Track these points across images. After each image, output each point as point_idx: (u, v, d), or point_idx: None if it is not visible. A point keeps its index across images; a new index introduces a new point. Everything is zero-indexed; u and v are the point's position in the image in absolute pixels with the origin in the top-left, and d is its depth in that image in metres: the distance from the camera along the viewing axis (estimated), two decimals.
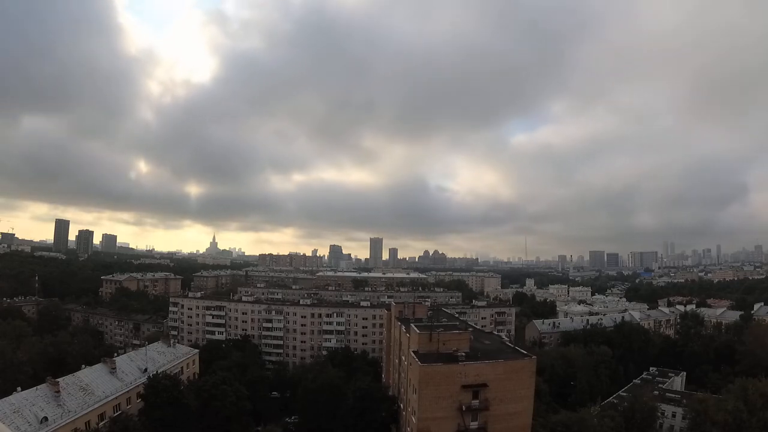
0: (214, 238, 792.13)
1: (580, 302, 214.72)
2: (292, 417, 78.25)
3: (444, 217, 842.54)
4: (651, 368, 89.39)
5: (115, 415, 56.87)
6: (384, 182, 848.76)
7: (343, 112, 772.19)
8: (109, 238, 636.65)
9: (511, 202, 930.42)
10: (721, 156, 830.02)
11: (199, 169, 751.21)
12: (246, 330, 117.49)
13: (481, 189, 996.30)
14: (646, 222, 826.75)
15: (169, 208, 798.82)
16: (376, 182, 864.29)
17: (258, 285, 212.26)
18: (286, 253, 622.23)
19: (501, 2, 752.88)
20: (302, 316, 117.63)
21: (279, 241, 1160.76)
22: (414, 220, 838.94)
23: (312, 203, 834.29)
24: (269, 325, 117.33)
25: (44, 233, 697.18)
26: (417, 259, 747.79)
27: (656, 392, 73.10)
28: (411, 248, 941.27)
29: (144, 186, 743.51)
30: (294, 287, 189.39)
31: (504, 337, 77.65)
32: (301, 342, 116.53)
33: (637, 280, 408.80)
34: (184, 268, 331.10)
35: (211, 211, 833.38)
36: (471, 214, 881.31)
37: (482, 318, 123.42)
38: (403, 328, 61.80)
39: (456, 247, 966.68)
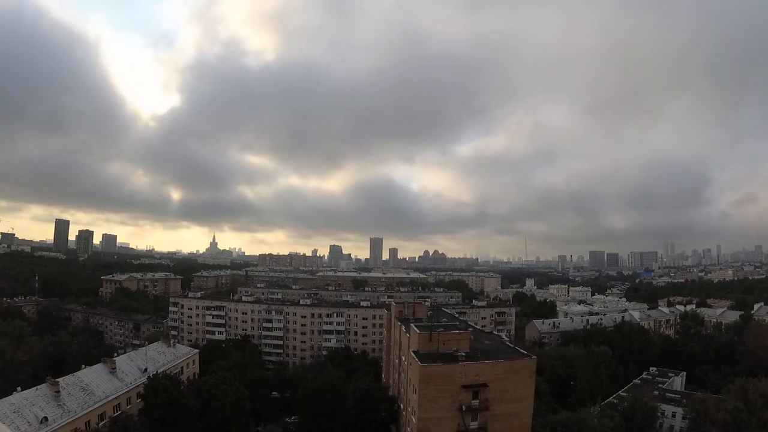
0: (214, 239, 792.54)
1: (580, 302, 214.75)
2: (292, 417, 78.22)
3: (419, 219, 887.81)
4: (651, 368, 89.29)
5: (115, 415, 56.85)
6: (357, 188, 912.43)
7: (301, 132, 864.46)
8: (108, 238, 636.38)
9: (481, 205, 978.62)
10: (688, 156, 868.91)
11: (188, 178, 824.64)
12: (246, 330, 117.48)
13: (449, 193, 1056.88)
14: (638, 222, 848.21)
15: (164, 211, 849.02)
16: (350, 188, 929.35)
17: (258, 285, 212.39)
18: (286, 253, 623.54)
19: (408, 49, 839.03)
20: (302, 316, 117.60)
21: (273, 242, 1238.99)
22: (395, 222, 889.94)
23: (294, 207, 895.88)
24: (269, 325, 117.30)
25: (44, 233, 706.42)
26: (417, 259, 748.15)
27: (656, 392, 73.05)
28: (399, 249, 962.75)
29: (139, 192, 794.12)
30: (294, 287, 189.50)
31: (504, 337, 77.63)
32: (301, 342, 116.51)
33: (637, 280, 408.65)
34: (184, 268, 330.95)
35: (204, 214, 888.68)
36: (444, 216, 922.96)
37: (482, 318, 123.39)
38: (403, 328, 61.79)
39: (444, 248, 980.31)
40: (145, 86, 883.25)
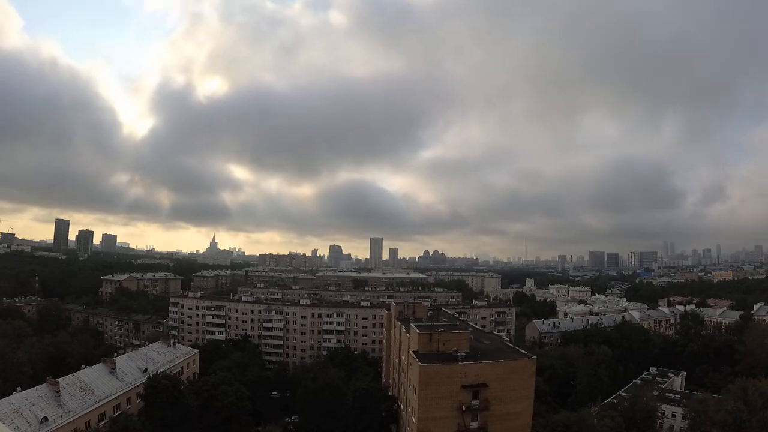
0: (213, 239, 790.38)
1: (580, 302, 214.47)
2: (292, 417, 78.11)
3: (400, 221, 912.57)
4: (651, 368, 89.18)
5: (115, 415, 56.85)
6: (336, 194, 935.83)
7: (272, 147, 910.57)
8: (109, 238, 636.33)
9: (460, 208, 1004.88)
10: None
11: (179, 184, 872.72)
12: (246, 330, 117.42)
13: (422, 197, 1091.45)
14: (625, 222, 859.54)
15: (162, 214, 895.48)
16: (329, 194, 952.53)
17: (258, 285, 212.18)
18: (286, 253, 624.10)
19: (351, 74, 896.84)
20: (302, 316, 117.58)
21: (268, 242, 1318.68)
22: (375, 224, 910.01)
23: (279, 211, 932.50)
24: (269, 325, 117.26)
25: (44, 234, 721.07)
26: (417, 259, 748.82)
27: (656, 392, 72.98)
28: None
29: (136, 197, 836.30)
30: (294, 287, 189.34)
31: (504, 337, 77.51)
32: (301, 342, 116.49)
33: (637, 280, 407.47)
34: (184, 268, 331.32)
35: (199, 216, 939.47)
36: (424, 218, 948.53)
37: (482, 318, 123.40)
38: (403, 328, 61.84)
39: (437, 248, 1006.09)
40: (130, 110, 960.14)
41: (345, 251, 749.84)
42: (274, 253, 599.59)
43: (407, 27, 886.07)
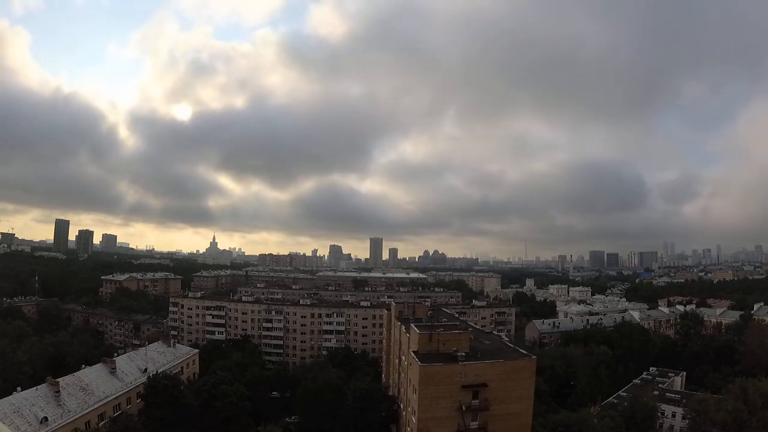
0: (213, 239, 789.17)
1: (580, 302, 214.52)
2: (292, 417, 78.12)
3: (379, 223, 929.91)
4: (651, 368, 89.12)
5: (115, 415, 56.86)
6: (320, 197, 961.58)
7: (244, 160, 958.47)
8: (108, 239, 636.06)
9: (444, 209, 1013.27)
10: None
11: (174, 190, 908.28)
12: (246, 330, 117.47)
13: (393, 201, 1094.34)
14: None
15: (161, 216, 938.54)
16: (316, 197, 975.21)
17: (258, 285, 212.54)
18: (286, 253, 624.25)
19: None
20: (302, 316, 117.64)
21: (262, 242, 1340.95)
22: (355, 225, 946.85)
23: (269, 214, 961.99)
24: (269, 325, 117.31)
25: (44, 234, 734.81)
26: (417, 259, 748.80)
27: (656, 392, 72.96)
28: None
29: (135, 201, 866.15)
30: (294, 287, 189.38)
31: (504, 337, 77.41)
32: (301, 342, 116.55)
33: (637, 280, 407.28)
34: (184, 268, 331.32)
35: (195, 218, 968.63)
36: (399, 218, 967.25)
37: (482, 318, 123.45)
38: (403, 328, 61.83)
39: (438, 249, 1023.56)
40: (122, 129, 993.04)
41: (345, 251, 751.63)
42: (274, 253, 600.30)
43: (332, 58, 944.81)
